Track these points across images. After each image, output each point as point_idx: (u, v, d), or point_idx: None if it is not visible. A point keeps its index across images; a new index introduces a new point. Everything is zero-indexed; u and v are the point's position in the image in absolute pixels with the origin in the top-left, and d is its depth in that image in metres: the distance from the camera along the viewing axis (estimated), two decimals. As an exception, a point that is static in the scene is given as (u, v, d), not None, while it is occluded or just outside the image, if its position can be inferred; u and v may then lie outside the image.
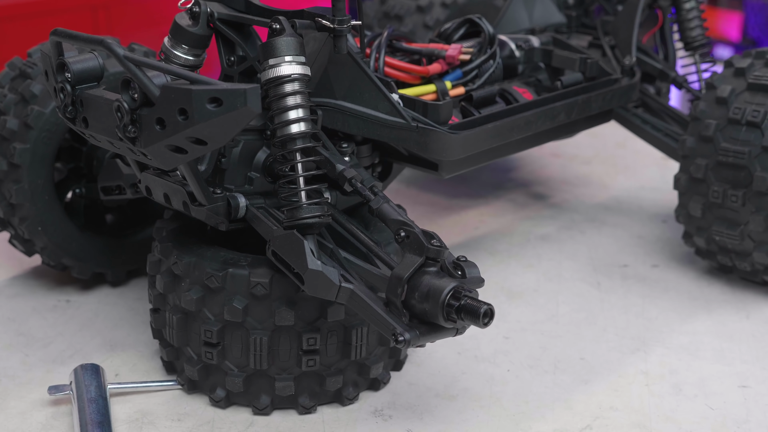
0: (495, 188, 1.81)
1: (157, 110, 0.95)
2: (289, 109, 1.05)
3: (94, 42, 0.98)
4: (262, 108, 0.99)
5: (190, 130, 0.94)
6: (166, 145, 0.97)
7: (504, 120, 1.33)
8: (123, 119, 0.97)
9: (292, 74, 1.05)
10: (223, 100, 0.92)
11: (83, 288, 1.43)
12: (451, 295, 0.99)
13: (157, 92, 0.95)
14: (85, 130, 1.06)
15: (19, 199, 1.31)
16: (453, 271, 1.02)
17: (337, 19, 1.09)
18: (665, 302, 1.40)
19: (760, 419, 1.14)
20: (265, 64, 1.05)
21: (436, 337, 1.02)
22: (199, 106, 0.92)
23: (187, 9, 1.14)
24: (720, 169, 1.35)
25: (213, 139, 0.95)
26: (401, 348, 1.00)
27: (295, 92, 1.05)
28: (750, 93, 1.35)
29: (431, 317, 1.00)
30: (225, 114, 0.92)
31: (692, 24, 1.63)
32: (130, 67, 0.95)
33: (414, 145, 1.25)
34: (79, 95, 1.05)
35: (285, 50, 1.05)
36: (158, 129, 0.96)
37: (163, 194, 1.14)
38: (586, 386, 1.20)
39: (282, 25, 1.06)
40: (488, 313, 0.97)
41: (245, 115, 0.92)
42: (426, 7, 1.80)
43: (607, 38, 1.62)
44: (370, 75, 1.23)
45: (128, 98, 0.97)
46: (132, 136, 0.98)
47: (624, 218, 1.68)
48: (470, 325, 0.99)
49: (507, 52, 1.49)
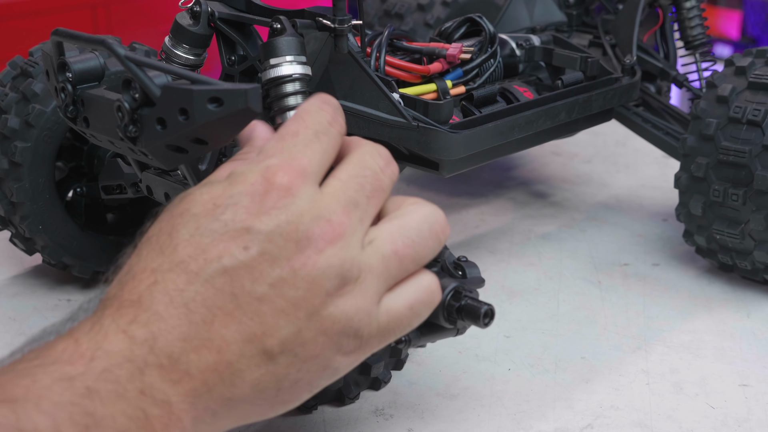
0: (495, 187, 1.81)
1: (157, 110, 0.95)
2: (290, 109, 1.05)
3: (95, 42, 0.98)
4: (263, 108, 0.99)
5: (190, 130, 0.94)
6: (167, 145, 0.97)
7: (505, 119, 1.33)
8: (124, 119, 0.97)
9: (293, 74, 1.05)
10: (224, 100, 0.92)
11: (84, 287, 1.43)
12: (452, 295, 0.98)
13: (158, 92, 0.95)
14: (86, 129, 1.06)
15: (20, 198, 1.31)
16: (453, 271, 1.02)
17: (337, 19, 1.09)
18: (666, 301, 1.41)
19: (761, 418, 1.14)
20: (266, 64, 1.05)
21: (437, 338, 1.02)
22: (199, 106, 0.92)
23: (188, 8, 1.14)
24: (721, 168, 1.35)
25: (214, 139, 0.95)
26: (402, 348, 1.00)
27: (296, 92, 1.05)
28: (751, 92, 1.35)
29: (432, 317, 1.00)
30: (226, 114, 0.92)
31: (693, 23, 1.63)
32: (131, 67, 0.95)
33: (415, 144, 1.25)
34: (80, 95, 1.05)
35: (286, 50, 1.05)
36: (159, 129, 0.96)
37: (164, 193, 1.14)
38: (587, 385, 1.20)
39: (283, 24, 1.06)
40: (489, 313, 0.97)
41: (246, 115, 0.93)
42: (427, 5, 1.80)
43: (607, 37, 1.62)
44: (371, 74, 1.23)
45: (129, 98, 0.97)
46: (133, 136, 0.98)
47: (624, 217, 1.68)
48: (471, 325, 0.99)
49: (507, 51, 1.49)
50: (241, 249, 0.83)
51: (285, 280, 0.83)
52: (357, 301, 0.85)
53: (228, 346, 0.82)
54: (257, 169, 0.86)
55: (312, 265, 0.83)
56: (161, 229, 0.86)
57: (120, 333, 0.80)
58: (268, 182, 0.85)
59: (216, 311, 0.82)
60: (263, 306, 0.82)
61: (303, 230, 0.84)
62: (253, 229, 0.83)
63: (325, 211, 0.85)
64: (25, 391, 0.76)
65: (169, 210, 0.88)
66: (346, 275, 0.85)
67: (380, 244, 0.88)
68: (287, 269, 0.83)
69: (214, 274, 0.82)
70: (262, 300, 0.82)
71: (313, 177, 0.87)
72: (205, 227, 0.84)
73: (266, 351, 0.83)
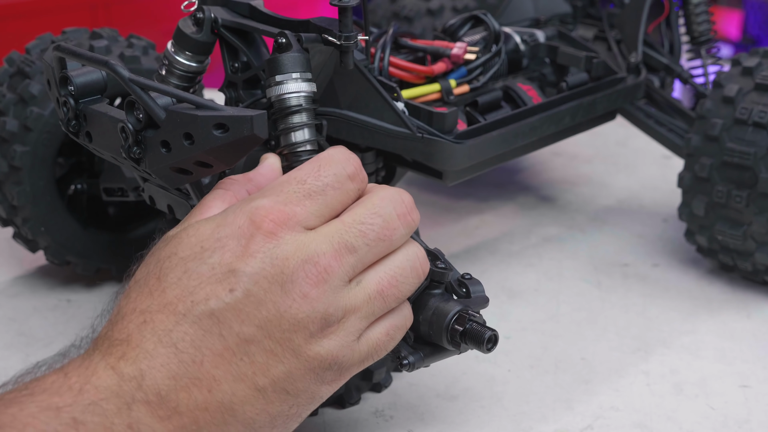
0: (496, 188, 1.80)
1: (162, 133, 0.94)
2: (295, 129, 1.04)
3: (98, 62, 0.97)
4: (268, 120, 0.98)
5: (195, 155, 0.93)
6: (171, 167, 0.96)
7: (509, 127, 1.32)
8: (128, 140, 0.96)
9: (299, 92, 1.04)
10: (229, 126, 0.91)
11: (84, 287, 1.43)
12: (456, 319, 0.98)
13: (162, 115, 0.94)
14: (89, 144, 1.05)
15: (21, 201, 1.31)
16: (458, 289, 1.02)
17: (343, 36, 1.07)
18: (666, 301, 1.40)
19: (762, 419, 1.14)
20: (271, 81, 1.04)
21: (439, 358, 1.02)
22: (204, 132, 0.91)
23: (191, 15, 1.12)
24: (725, 169, 1.35)
25: (218, 163, 0.95)
26: (406, 371, 1.00)
27: (301, 109, 1.04)
28: (757, 93, 1.35)
29: (435, 340, 1.00)
30: (231, 140, 0.92)
31: (699, 19, 1.61)
32: (135, 90, 0.94)
33: (419, 154, 1.24)
34: (82, 110, 1.04)
35: (291, 67, 1.04)
36: (164, 152, 0.95)
37: (166, 204, 1.13)
38: (587, 386, 1.20)
39: (288, 40, 1.04)
40: (492, 338, 0.97)
41: (251, 141, 0.92)
42: (436, 10, 1.78)
43: (612, 32, 1.60)
44: (375, 86, 1.22)
45: (133, 119, 0.96)
46: (137, 158, 0.97)
47: (624, 217, 1.68)
48: (474, 349, 0.99)
49: (512, 46, 1.48)
50: (227, 291, 0.85)
51: (271, 321, 0.85)
52: (340, 340, 0.89)
53: (219, 385, 0.84)
54: (246, 210, 0.88)
55: (297, 308, 0.86)
56: (149, 272, 0.88)
57: (109, 369, 0.82)
58: (254, 226, 0.87)
59: (205, 351, 0.84)
60: (252, 347, 0.85)
61: (288, 273, 0.86)
62: (238, 272, 0.85)
63: (314, 253, 0.87)
64: (11, 419, 0.77)
65: (157, 253, 0.90)
66: (330, 318, 0.88)
67: (367, 284, 0.91)
68: (273, 311, 0.85)
69: (201, 316, 0.84)
70: (250, 341, 0.85)
71: (302, 225, 0.89)
72: (193, 270, 0.86)
73: (259, 389, 0.85)
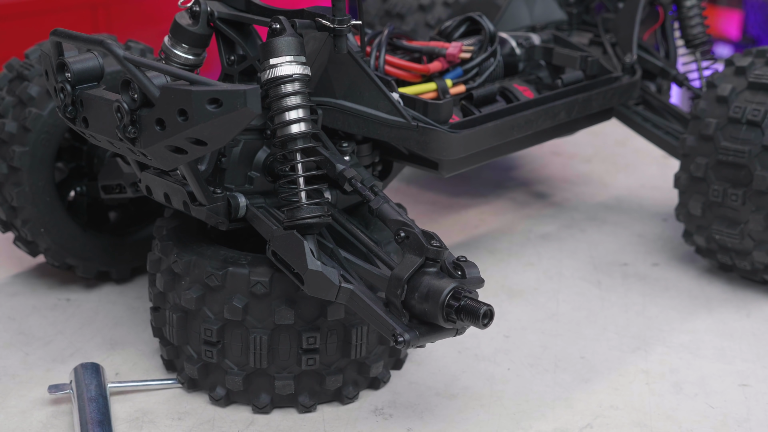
0: (495, 187, 1.81)
1: (156, 111, 0.95)
2: (289, 109, 1.05)
3: (93, 42, 0.98)
4: (263, 108, 0.99)
5: (189, 131, 0.94)
6: (166, 146, 0.97)
7: (504, 119, 1.33)
8: (123, 120, 0.97)
9: (292, 74, 1.04)
10: (222, 100, 0.92)
11: (84, 287, 1.43)
12: (451, 295, 0.98)
13: (156, 93, 0.94)
14: (86, 129, 1.06)
15: (21, 202, 1.31)
16: (453, 271, 1.02)
17: (337, 19, 1.09)
18: (665, 301, 1.40)
19: (761, 418, 1.14)
20: (266, 64, 1.05)
21: (436, 338, 1.02)
22: (198, 107, 0.92)
23: (188, 8, 1.13)
24: (720, 168, 1.35)
25: (213, 140, 0.95)
26: (401, 348, 1.00)
27: (295, 92, 1.05)
28: (750, 92, 1.35)
29: (431, 318, 1.00)
30: (225, 115, 0.92)
31: (693, 22, 1.63)
32: (129, 68, 0.95)
33: (414, 144, 1.25)
34: (79, 95, 1.05)
35: (285, 50, 1.05)
36: (158, 129, 0.95)
37: (163, 194, 1.14)
38: (586, 385, 1.20)
39: (282, 24, 1.06)
40: (488, 313, 0.97)
41: (245, 115, 0.92)
42: (428, 6, 1.79)
43: (607, 36, 1.62)
44: (370, 74, 1.23)
45: (128, 99, 0.97)
46: (132, 137, 0.97)
47: (624, 217, 1.68)
48: (470, 325, 0.99)
49: (507, 50, 1.48)
50: None
51: None
52: None
53: None
54: None
55: None
56: None
57: None
58: None
59: None
60: None
61: None
62: None
63: None
64: None
65: None
66: None
67: None
68: None
69: None
70: None
71: None
72: None
73: None
